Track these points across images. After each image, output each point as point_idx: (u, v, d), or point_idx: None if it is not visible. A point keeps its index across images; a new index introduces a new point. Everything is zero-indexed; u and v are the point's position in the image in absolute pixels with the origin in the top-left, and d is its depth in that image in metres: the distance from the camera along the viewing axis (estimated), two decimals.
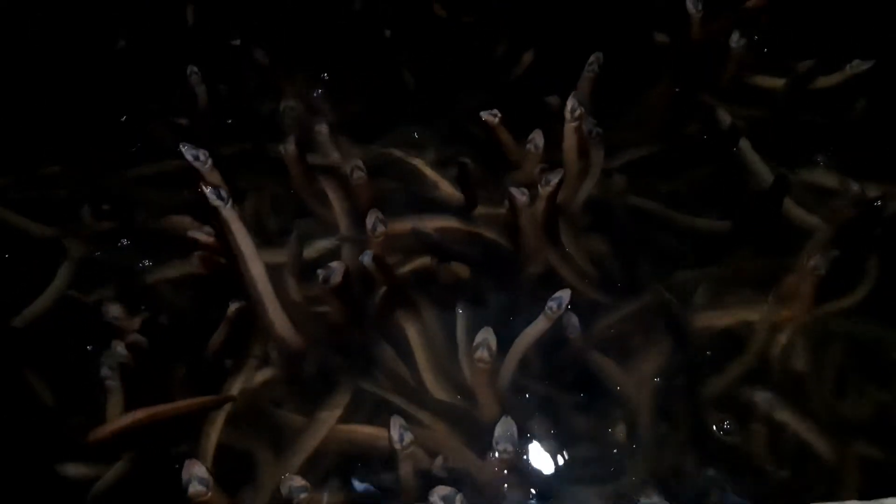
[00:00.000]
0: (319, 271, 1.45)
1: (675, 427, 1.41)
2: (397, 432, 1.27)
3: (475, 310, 1.53)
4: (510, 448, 1.28)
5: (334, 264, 1.44)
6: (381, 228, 1.51)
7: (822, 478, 1.36)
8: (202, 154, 1.54)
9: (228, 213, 1.43)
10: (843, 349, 1.48)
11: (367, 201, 1.66)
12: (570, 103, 1.61)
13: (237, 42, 2.03)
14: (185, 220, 1.64)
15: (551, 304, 1.37)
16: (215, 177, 1.55)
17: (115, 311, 1.49)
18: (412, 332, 1.49)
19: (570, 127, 1.63)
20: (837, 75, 1.83)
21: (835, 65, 1.83)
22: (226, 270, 1.50)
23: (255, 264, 1.45)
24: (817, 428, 1.38)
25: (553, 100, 1.77)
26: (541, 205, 1.56)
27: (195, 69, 1.86)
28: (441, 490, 1.19)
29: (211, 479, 1.22)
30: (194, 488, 1.20)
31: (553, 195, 1.55)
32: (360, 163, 1.65)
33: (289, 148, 1.67)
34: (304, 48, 2.00)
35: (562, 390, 1.45)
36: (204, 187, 1.44)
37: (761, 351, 1.47)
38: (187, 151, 1.53)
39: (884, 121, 1.76)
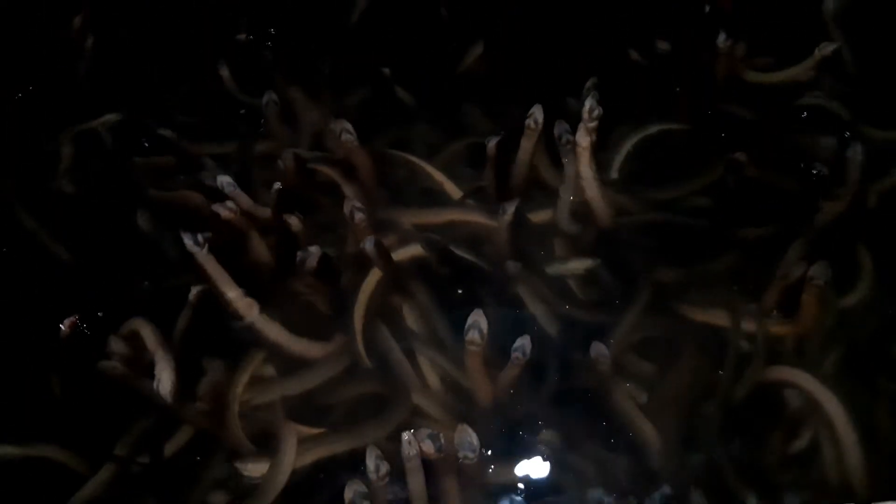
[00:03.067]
0: (299, 254, 1.45)
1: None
2: (373, 462, 1.23)
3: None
4: (471, 455, 1.25)
5: (311, 248, 1.44)
6: (359, 216, 1.48)
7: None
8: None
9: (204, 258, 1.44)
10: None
11: (368, 175, 1.63)
12: (587, 103, 1.53)
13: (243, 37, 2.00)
14: (196, 196, 1.62)
15: (516, 353, 1.33)
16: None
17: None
18: (409, 320, 1.49)
19: (587, 128, 1.54)
20: (809, 61, 1.80)
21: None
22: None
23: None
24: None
25: (572, 102, 1.70)
26: (502, 234, 1.54)
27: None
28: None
29: None
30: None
31: (511, 224, 1.52)
32: (348, 126, 1.60)
33: (287, 162, 1.60)
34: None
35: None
36: (182, 234, 1.43)
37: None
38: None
39: None
